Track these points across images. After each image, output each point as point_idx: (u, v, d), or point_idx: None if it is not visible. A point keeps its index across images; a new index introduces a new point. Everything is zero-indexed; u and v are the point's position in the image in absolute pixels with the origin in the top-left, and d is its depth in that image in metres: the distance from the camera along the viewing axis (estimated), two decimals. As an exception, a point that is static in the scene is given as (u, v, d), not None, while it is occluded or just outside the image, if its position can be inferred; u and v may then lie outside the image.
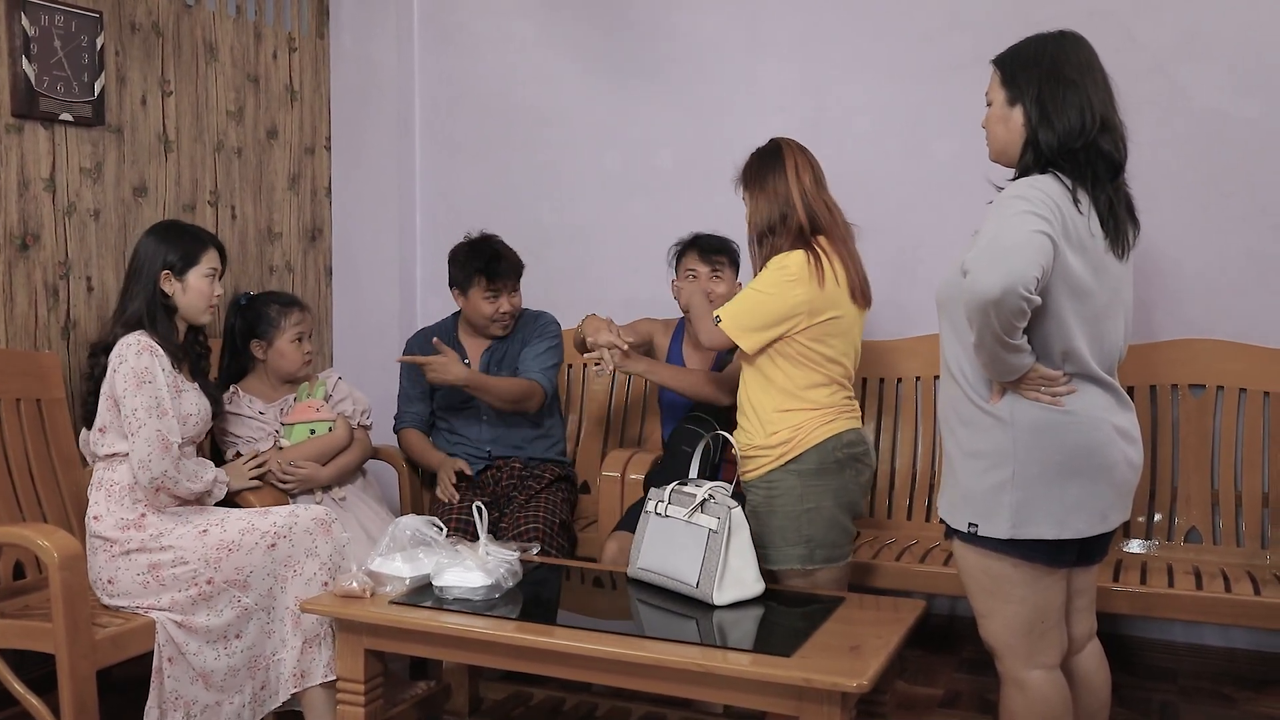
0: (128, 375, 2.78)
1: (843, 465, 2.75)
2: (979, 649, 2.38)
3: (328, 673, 2.74)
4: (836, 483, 2.74)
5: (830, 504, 2.73)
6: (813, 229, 2.75)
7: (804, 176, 2.77)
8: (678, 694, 2.32)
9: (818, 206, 2.76)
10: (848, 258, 2.76)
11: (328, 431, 3.29)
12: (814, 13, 3.83)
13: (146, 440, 2.76)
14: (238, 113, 3.91)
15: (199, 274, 2.94)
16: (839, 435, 2.74)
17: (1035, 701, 2.21)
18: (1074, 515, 2.13)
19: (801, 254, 2.70)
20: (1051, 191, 2.06)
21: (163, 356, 2.84)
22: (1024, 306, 1.97)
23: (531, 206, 4.21)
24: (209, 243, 2.99)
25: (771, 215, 2.75)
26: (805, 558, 2.72)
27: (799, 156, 2.80)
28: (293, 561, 2.77)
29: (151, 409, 2.78)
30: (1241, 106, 3.40)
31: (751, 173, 2.83)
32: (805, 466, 2.72)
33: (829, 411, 2.75)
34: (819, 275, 2.69)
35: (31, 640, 2.60)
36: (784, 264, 2.70)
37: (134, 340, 2.82)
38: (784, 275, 2.69)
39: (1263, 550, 3.33)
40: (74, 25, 3.28)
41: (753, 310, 2.72)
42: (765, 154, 2.83)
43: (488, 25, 4.26)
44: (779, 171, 2.77)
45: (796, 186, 2.75)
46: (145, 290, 2.89)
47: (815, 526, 2.72)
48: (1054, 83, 2.11)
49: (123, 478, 2.82)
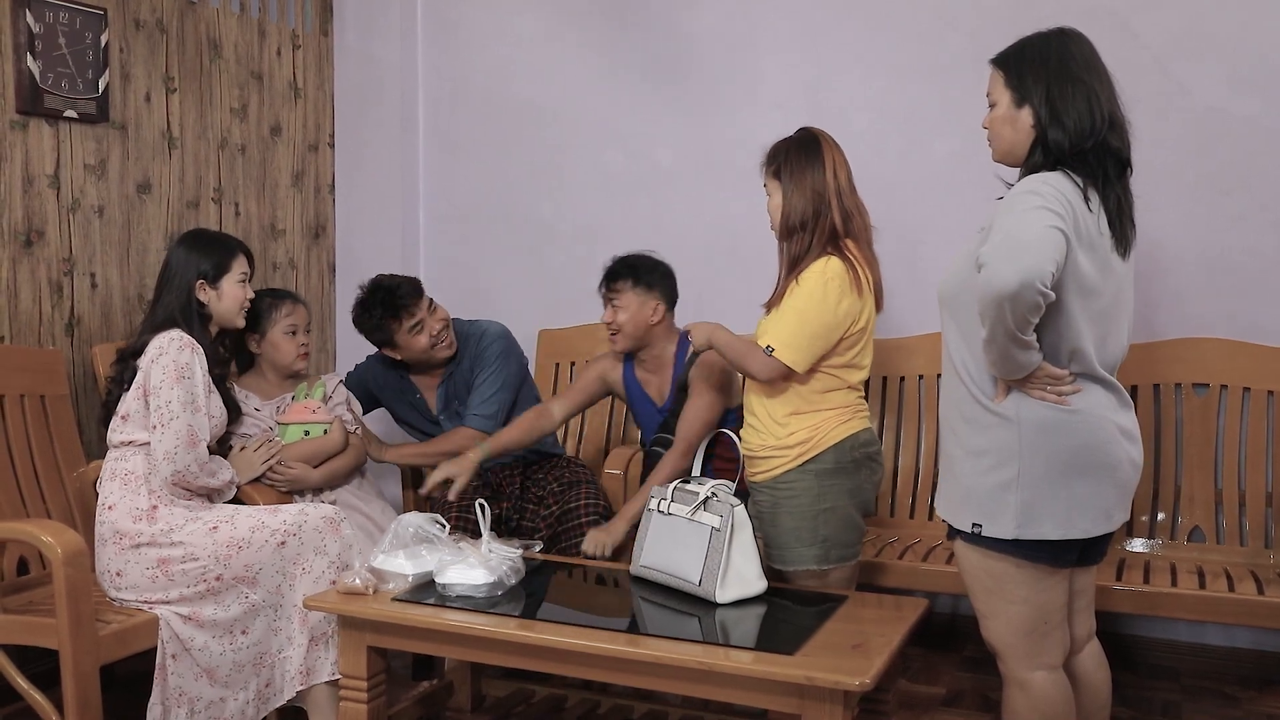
0: (167, 367, 2.80)
1: (859, 465, 2.71)
2: (981, 648, 2.38)
3: (334, 671, 2.74)
4: (852, 482, 2.70)
5: (846, 503, 2.70)
6: (845, 231, 2.66)
7: (840, 174, 2.67)
8: (680, 692, 2.32)
9: (851, 208, 2.68)
10: (874, 262, 2.71)
11: (323, 434, 3.27)
12: (813, 10, 3.83)
13: (176, 433, 2.78)
14: (241, 110, 3.91)
15: (232, 280, 2.99)
16: (855, 435, 2.70)
17: (1038, 702, 2.20)
18: (1079, 515, 2.13)
19: (839, 264, 2.61)
20: (1064, 189, 2.05)
21: (202, 355, 2.88)
22: (1039, 301, 1.97)
23: (533, 204, 4.21)
24: (238, 249, 3.03)
25: (805, 211, 2.64)
26: (821, 558, 2.68)
27: (836, 153, 2.69)
28: (301, 559, 2.77)
29: (187, 403, 2.80)
30: (1241, 104, 3.39)
31: (786, 163, 2.68)
32: (823, 466, 2.67)
33: (845, 411, 2.70)
34: (857, 285, 2.63)
35: (35, 636, 2.60)
36: (825, 276, 2.60)
37: (176, 335, 2.85)
38: (828, 289, 2.60)
39: (1266, 550, 3.33)
40: (79, 22, 3.28)
41: (799, 330, 2.60)
42: (803, 144, 2.69)
43: (491, 22, 4.26)
44: (817, 166, 2.65)
45: (834, 184, 2.65)
46: (179, 298, 2.93)
47: (831, 526, 2.68)
48: (1062, 81, 2.10)
49: (136, 467, 2.83)
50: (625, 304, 3.15)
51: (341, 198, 4.36)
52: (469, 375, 3.51)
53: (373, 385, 3.62)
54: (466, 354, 3.52)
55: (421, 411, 3.58)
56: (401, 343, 3.41)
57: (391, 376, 3.58)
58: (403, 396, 3.59)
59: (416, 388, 3.56)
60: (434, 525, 2.73)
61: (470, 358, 3.51)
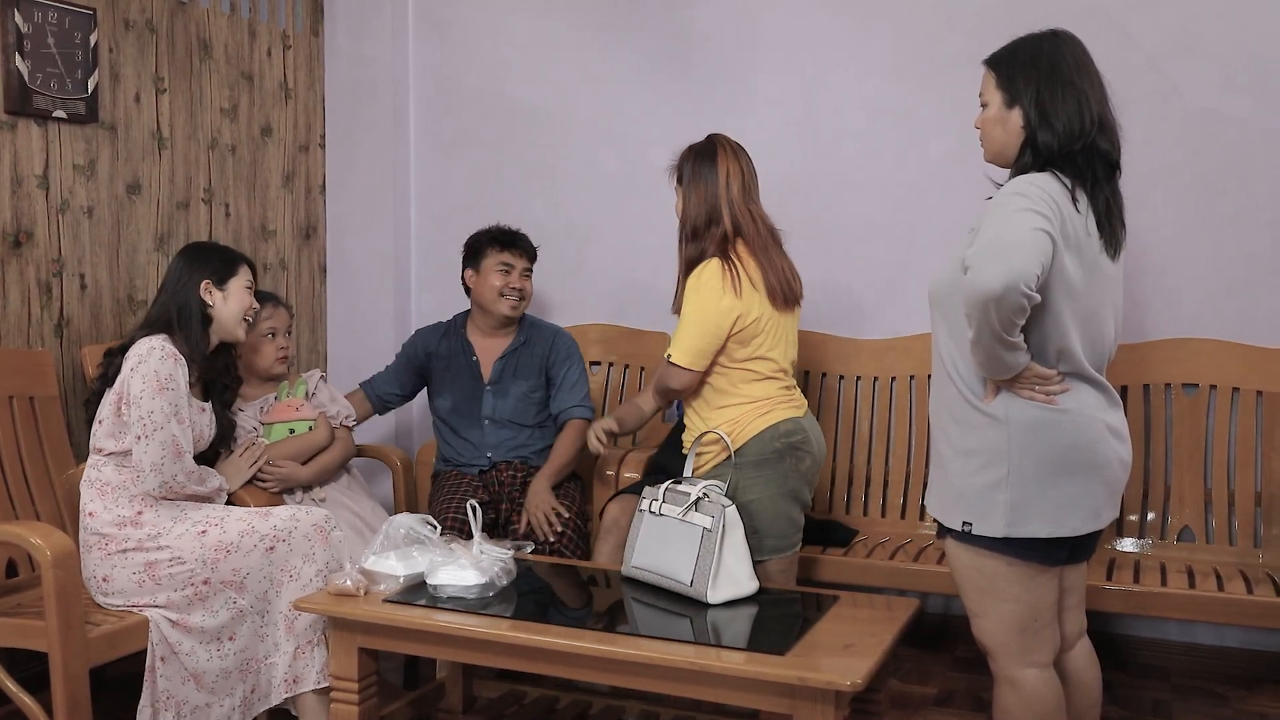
0: (148, 376, 2.75)
1: (782, 455, 2.80)
2: (973, 648, 2.39)
3: (320, 679, 2.73)
4: (776, 473, 2.79)
5: (773, 493, 2.79)
6: (735, 234, 2.81)
7: (733, 184, 2.82)
8: (672, 692, 2.32)
9: (742, 215, 2.82)
10: (766, 264, 2.82)
11: (308, 430, 3.27)
12: (808, 10, 3.83)
13: (161, 444, 2.75)
14: (232, 110, 3.90)
15: (239, 284, 2.96)
16: (775, 425, 2.80)
17: (1029, 700, 2.21)
18: (1068, 514, 2.14)
19: (716, 262, 2.77)
20: (1051, 190, 2.06)
21: (184, 366, 2.82)
22: (1024, 303, 1.98)
23: (526, 203, 4.20)
24: (242, 258, 3.01)
25: (699, 217, 2.83)
26: (752, 549, 2.69)
27: (731, 162, 2.84)
28: (289, 566, 2.75)
29: (170, 414, 2.76)
30: (1234, 105, 3.40)
31: (685, 170, 2.88)
32: (745, 459, 2.77)
33: (764, 404, 2.81)
34: (735, 282, 2.75)
35: (24, 638, 2.59)
36: (701, 279, 2.77)
37: (158, 345, 2.79)
38: (706, 290, 2.76)
39: (1255, 549, 3.34)
40: (68, 22, 3.27)
41: (688, 332, 2.78)
42: (700, 152, 2.88)
43: (482, 22, 4.25)
44: (712, 174, 2.83)
45: (725, 193, 2.81)
46: (180, 297, 2.88)
47: (759, 518, 2.76)
48: (1052, 84, 2.11)
49: (111, 476, 2.80)
50: None
51: (333, 198, 4.35)
52: (539, 362, 3.59)
53: (423, 349, 3.66)
54: (539, 342, 3.62)
55: (473, 374, 3.59)
56: (483, 270, 3.55)
57: (450, 340, 3.65)
58: (456, 358, 3.62)
59: (474, 350, 3.61)
60: (425, 526, 2.72)
61: (545, 348, 3.61)
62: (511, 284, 3.54)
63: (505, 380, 3.57)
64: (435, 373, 3.66)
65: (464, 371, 3.60)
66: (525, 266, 3.59)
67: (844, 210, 3.79)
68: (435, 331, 3.71)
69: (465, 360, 3.61)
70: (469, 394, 3.57)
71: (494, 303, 3.55)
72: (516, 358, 3.59)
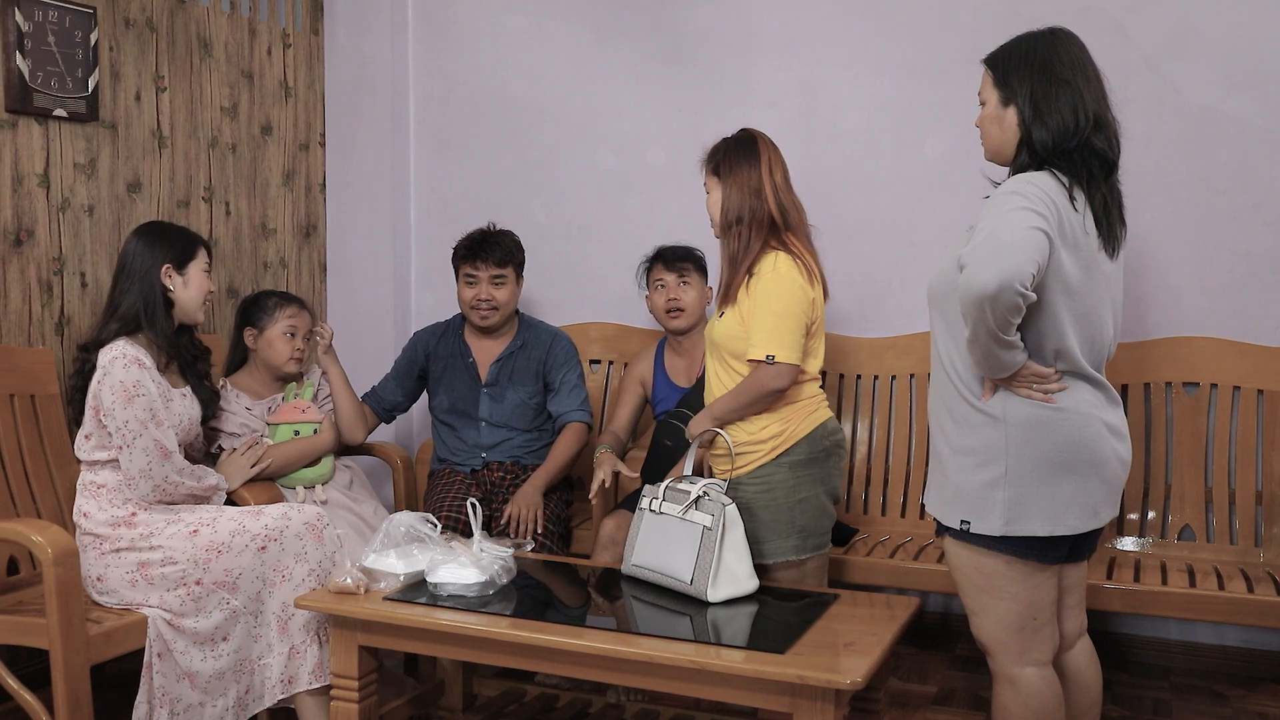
0: (115, 389, 2.74)
1: (829, 453, 2.79)
2: (972, 646, 2.39)
3: (313, 680, 2.73)
4: (823, 471, 2.78)
5: (819, 492, 2.77)
6: (784, 225, 2.76)
7: (776, 172, 2.78)
8: (671, 691, 2.33)
9: (787, 203, 2.78)
10: (815, 254, 2.80)
11: (313, 434, 3.27)
12: (806, 9, 3.83)
13: (145, 451, 2.75)
14: (232, 109, 3.91)
15: (198, 268, 2.94)
16: (823, 424, 2.78)
17: (1028, 698, 2.21)
18: (1066, 512, 2.14)
19: (786, 257, 2.70)
20: (1048, 188, 2.06)
21: (150, 367, 2.80)
22: (1019, 302, 1.98)
23: (525, 202, 4.21)
24: (198, 240, 2.99)
25: (742, 206, 2.75)
26: (798, 548, 2.73)
27: (772, 151, 2.81)
28: (281, 565, 2.75)
29: (146, 421, 2.75)
30: (1233, 103, 3.40)
31: (723, 160, 2.82)
32: (796, 457, 2.73)
33: (811, 403, 2.78)
34: (810, 275, 2.72)
35: (25, 636, 2.59)
36: (779, 271, 2.68)
37: (119, 353, 2.78)
38: (789, 282, 2.68)
39: (1256, 548, 3.34)
40: (68, 21, 3.27)
41: (781, 327, 2.66)
42: (739, 143, 2.82)
43: (481, 20, 4.25)
44: (753, 163, 2.77)
45: (769, 181, 2.76)
46: (142, 286, 2.86)
47: (807, 516, 2.75)
48: (1046, 82, 2.12)
49: (106, 480, 2.81)
50: (695, 283, 3.44)
51: (333, 197, 4.35)
52: (536, 366, 3.58)
53: (423, 351, 3.66)
54: (537, 345, 3.60)
55: (471, 375, 3.59)
56: (458, 286, 3.54)
57: (448, 340, 3.65)
58: (454, 359, 3.61)
59: (471, 351, 3.60)
60: (425, 524, 2.72)
61: (543, 351, 3.59)
62: (479, 295, 3.50)
63: (502, 383, 3.56)
64: (434, 373, 3.66)
65: (461, 373, 3.60)
66: (494, 274, 3.50)
67: (842, 209, 3.79)
68: (434, 332, 3.71)
69: (462, 362, 3.61)
70: (466, 395, 3.57)
71: (468, 315, 3.57)
72: (514, 361, 3.59)
